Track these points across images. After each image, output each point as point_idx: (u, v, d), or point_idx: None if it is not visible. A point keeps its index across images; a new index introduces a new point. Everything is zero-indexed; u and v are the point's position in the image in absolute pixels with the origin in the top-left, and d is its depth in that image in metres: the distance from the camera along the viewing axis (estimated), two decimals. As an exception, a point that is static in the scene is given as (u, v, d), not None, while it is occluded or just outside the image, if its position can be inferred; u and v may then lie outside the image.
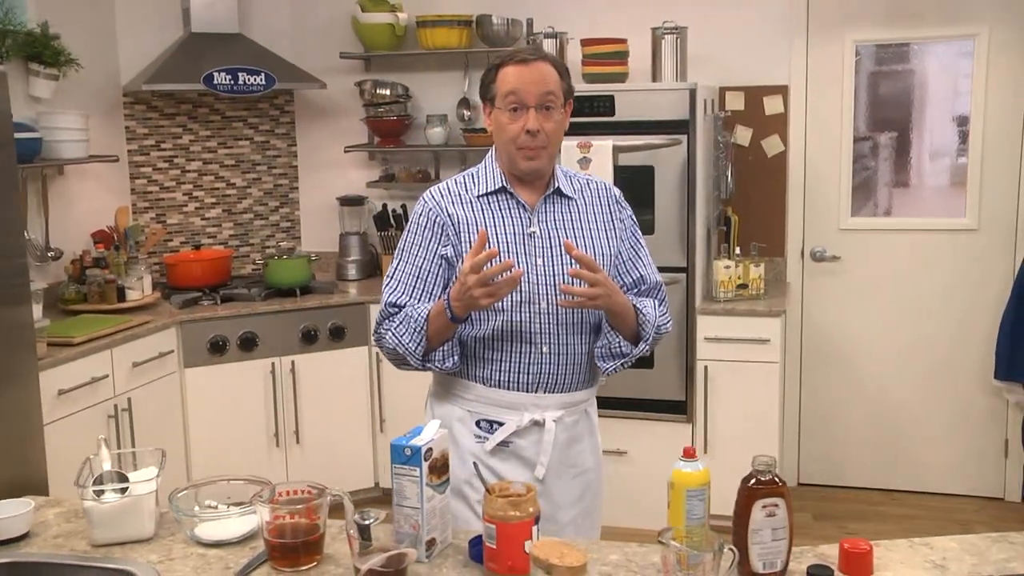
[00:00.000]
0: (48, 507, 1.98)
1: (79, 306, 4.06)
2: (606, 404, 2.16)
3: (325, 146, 5.03)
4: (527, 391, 2.16)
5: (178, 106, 4.79)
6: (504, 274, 1.95)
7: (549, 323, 2.14)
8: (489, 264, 1.94)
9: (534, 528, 1.63)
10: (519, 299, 2.12)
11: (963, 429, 4.49)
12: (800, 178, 4.51)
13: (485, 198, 2.18)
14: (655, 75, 4.19)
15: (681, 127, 3.96)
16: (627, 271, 2.27)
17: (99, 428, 3.58)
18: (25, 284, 3.19)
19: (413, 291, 2.15)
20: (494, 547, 1.62)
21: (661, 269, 3.90)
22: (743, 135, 4.51)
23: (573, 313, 2.14)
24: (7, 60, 3.90)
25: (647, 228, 3.99)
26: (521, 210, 2.17)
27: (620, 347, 2.17)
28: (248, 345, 4.20)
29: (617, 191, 2.33)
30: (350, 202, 4.92)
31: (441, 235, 2.16)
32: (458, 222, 2.15)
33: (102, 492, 1.82)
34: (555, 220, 2.19)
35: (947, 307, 4.44)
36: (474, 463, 1.99)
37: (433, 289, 2.16)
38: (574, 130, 3.94)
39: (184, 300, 4.25)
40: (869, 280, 4.51)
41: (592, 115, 4.02)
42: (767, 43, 4.44)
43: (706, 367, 4.06)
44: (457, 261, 2.13)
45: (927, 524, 4.24)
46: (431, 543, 1.73)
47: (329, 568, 1.70)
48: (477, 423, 2.19)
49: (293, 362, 4.29)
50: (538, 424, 2.16)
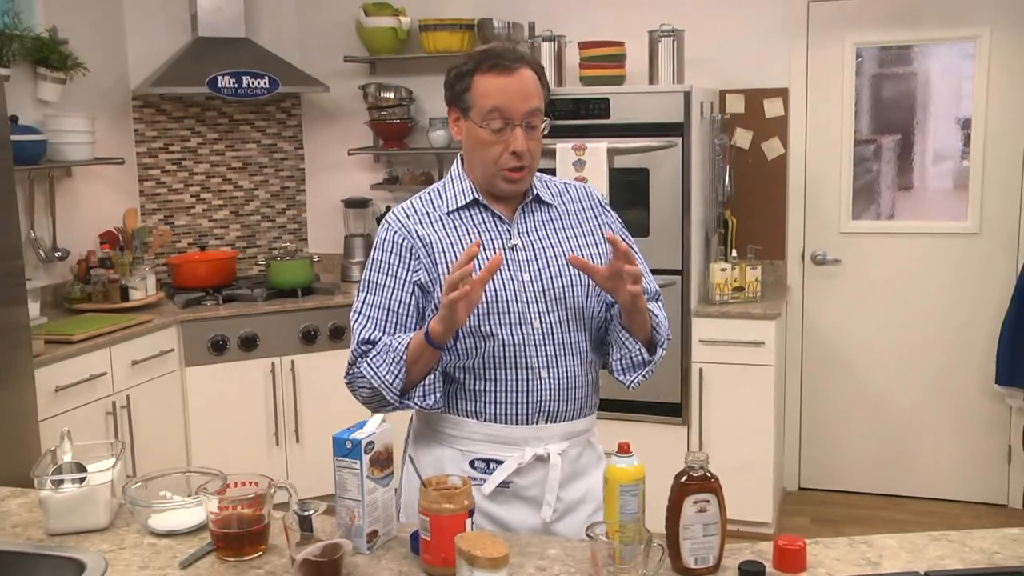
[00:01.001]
0: (12, 497, 2.04)
1: (84, 305, 4.15)
2: (601, 406, 2.10)
3: (331, 149, 5.09)
4: (527, 423, 1.94)
5: (186, 109, 4.87)
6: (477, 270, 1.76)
7: (546, 343, 1.94)
8: (476, 268, 1.77)
9: (468, 521, 1.65)
10: (509, 320, 1.91)
11: (965, 435, 4.45)
12: (800, 181, 4.50)
13: (456, 214, 1.97)
14: (652, 78, 4.20)
15: (676, 129, 3.97)
16: None
17: (97, 424, 3.66)
18: (21, 284, 3.28)
19: (386, 325, 1.94)
20: (428, 539, 1.65)
21: (656, 272, 3.94)
22: (743, 138, 4.50)
23: (570, 329, 1.95)
24: (14, 64, 4.00)
25: (642, 230, 4.01)
26: (498, 223, 1.98)
27: (641, 355, 1.98)
28: (248, 345, 4.26)
29: (599, 194, 2.13)
30: (355, 204, 4.97)
31: (410, 260, 1.94)
32: (429, 243, 1.94)
33: (61, 482, 1.87)
34: (537, 230, 1.99)
35: (949, 311, 4.41)
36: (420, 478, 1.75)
37: (408, 321, 1.94)
38: (569, 132, 4.03)
39: (187, 300, 4.33)
40: (870, 284, 4.49)
41: (587, 118, 4.04)
42: (767, 46, 4.43)
43: (701, 369, 4.07)
44: (433, 287, 1.92)
45: (927, 530, 4.19)
46: (373, 535, 1.76)
47: (272, 558, 1.73)
48: (471, 463, 1.95)
49: (293, 362, 4.34)
50: (542, 459, 1.95)
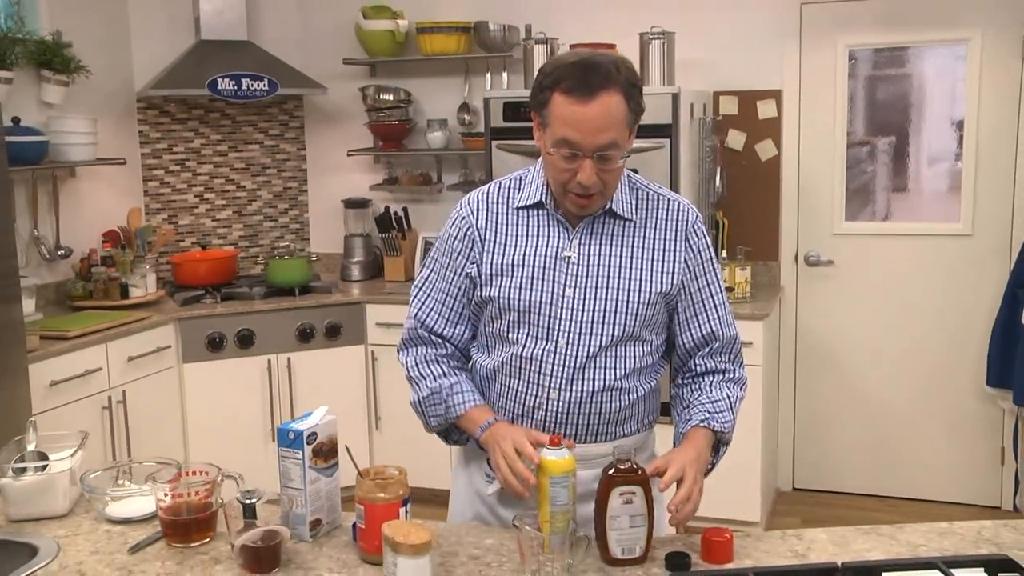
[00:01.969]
0: (-17, 485, 2.11)
1: (85, 303, 4.24)
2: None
3: (332, 150, 5.17)
4: None
5: (190, 111, 4.96)
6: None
7: (564, 365, 1.86)
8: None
9: (401, 510, 1.70)
10: (535, 333, 1.87)
11: (959, 436, 4.45)
12: (794, 182, 4.52)
13: (524, 211, 1.92)
14: (643, 79, 4.22)
15: (664, 131, 4.00)
16: (692, 324, 1.92)
17: (92, 419, 3.74)
18: (15, 283, 3.37)
19: (442, 309, 1.97)
20: (363, 527, 1.70)
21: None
22: (737, 139, 4.53)
23: (595, 362, 1.86)
24: (18, 67, 4.10)
25: (631, 231, 4.04)
26: (560, 229, 1.89)
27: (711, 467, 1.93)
28: (245, 342, 4.34)
29: (695, 216, 1.93)
30: (354, 204, 5.04)
31: (470, 252, 1.93)
32: (486, 238, 1.92)
33: (23, 470, 1.94)
34: (599, 245, 1.87)
35: (941, 313, 4.40)
36: (347, 447, 1.85)
37: (462, 309, 1.96)
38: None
39: (186, 298, 4.41)
40: (863, 285, 4.50)
41: (577, 119, 4.07)
42: (761, 48, 4.45)
43: (689, 369, 4.09)
44: (480, 279, 1.92)
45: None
46: (316, 523, 1.81)
47: (219, 544, 1.79)
48: (488, 461, 1.94)
49: (289, 359, 4.41)
50: None
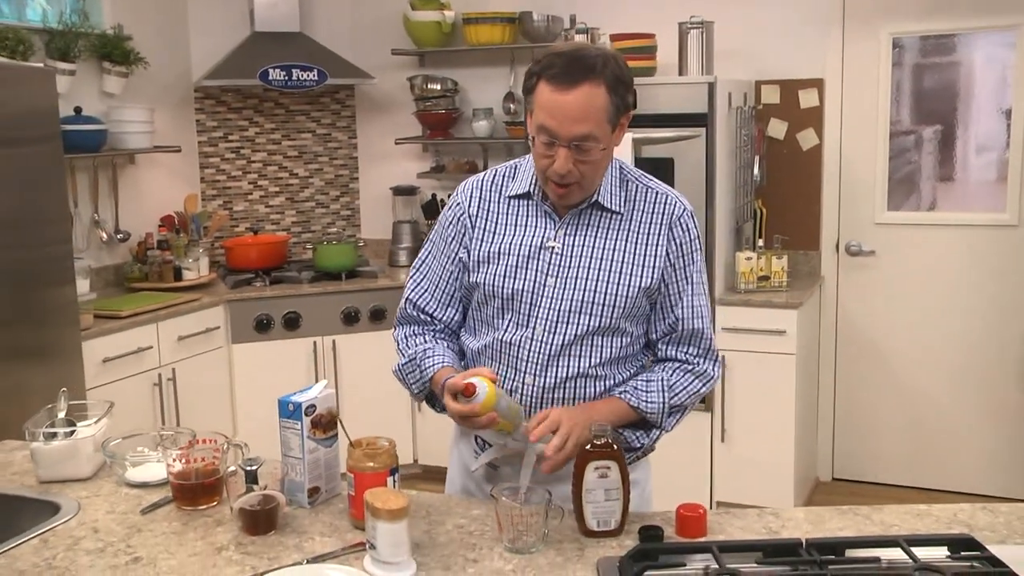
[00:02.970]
0: (19, 450, 2.27)
1: (141, 284, 4.44)
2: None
3: (382, 138, 5.29)
4: None
5: (245, 100, 5.13)
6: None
7: (539, 352, 1.91)
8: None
9: (389, 479, 1.80)
10: (515, 319, 1.93)
11: (999, 430, 4.39)
12: (835, 172, 4.50)
13: (516, 200, 1.97)
14: (681, 69, 4.26)
15: (701, 120, 4.03)
16: (661, 315, 1.95)
17: (143, 395, 3.93)
18: (70, 266, 3.56)
19: (435, 291, 2.04)
20: (353, 494, 1.80)
21: (679, 259, 4.06)
22: (778, 128, 4.52)
23: (570, 350, 1.91)
24: (81, 60, 4.30)
25: (666, 219, 4.08)
26: (547, 220, 1.93)
27: (630, 442, 1.95)
28: (292, 324, 4.49)
29: (683, 209, 1.94)
30: (403, 192, 5.16)
31: (463, 237, 1.99)
32: (477, 225, 1.98)
33: (53, 435, 2.09)
34: (583, 236, 1.91)
35: (985, 303, 4.35)
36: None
37: (454, 292, 2.03)
38: (596, 123, 4.11)
39: (236, 281, 4.58)
40: (905, 275, 4.46)
41: (614, 108, 4.12)
42: (803, 37, 4.44)
43: (724, 357, 4.11)
44: (469, 264, 1.98)
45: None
46: (314, 491, 1.92)
47: (224, 509, 1.91)
48: (475, 438, 2.03)
49: (334, 341, 4.56)
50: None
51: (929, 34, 4.36)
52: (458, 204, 2.02)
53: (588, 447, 1.76)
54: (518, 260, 1.93)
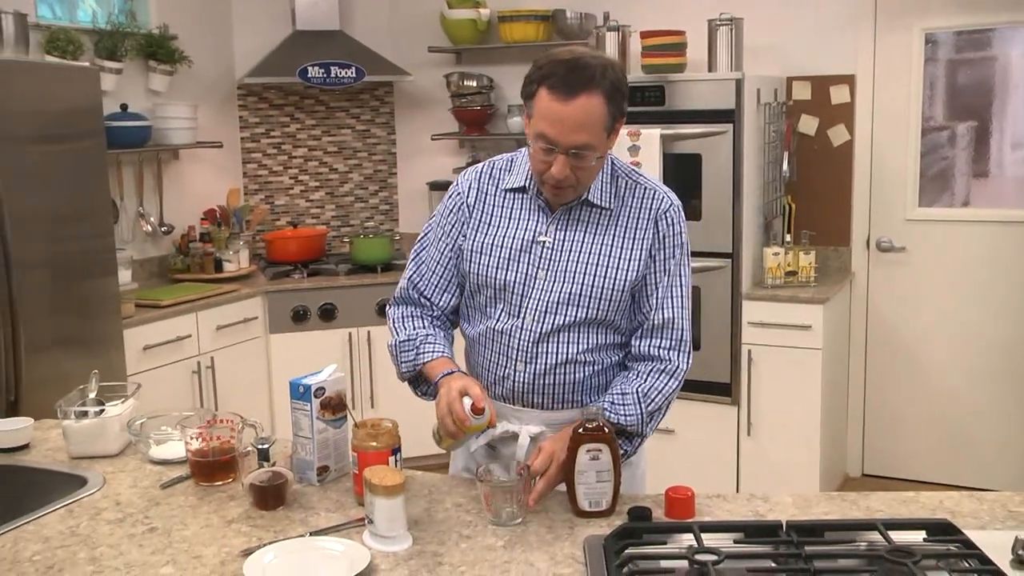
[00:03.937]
0: (55, 428, 2.40)
1: (183, 275, 4.59)
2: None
3: (420, 134, 5.39)
4: (504, 402, 2.05)
5: (286, 97, 5.27)
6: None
7: (528, 340, 1.99)
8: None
9: (391, 459, 1.88)
10: (505, 309, 2.01)
11: (1033, 427, 4.37)
12: (866, 168, 4.50)
13: (511, 193, 2.05)
14: (711, 65, 4.30)
15: (728, 116, 4.06)
16: (640, 305, 2.01)
17: (183, 382, 4.08)
18: (112, 258, 3.71)
19: (432, 276, 2.11)
20: (356, 472, 1.89)
21: (707, 255, 4.12)
22: (809, 124, 4.53)
23: (557, 337, 1.98)
24: (127, 59, 4.46)
25: (694, 214, 4.13)
26: (540, 214, 2.01)
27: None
28: (328, 315, 4.61)
29: (669, 204, 2.01)
30: (439, 187, 5.25)
31: (462, 226, 2.07)
32: (474, 216, 2.05)
33: (84, 414, 2.21)
34: (573, 231, 1.98)
35: (1018, 301, 4.32)
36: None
37: (451, 278, 2.10)
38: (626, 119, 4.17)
39: (275, 272, 4.72)
40: (936, 271, 4.45)
41: (643, 105, 4.18)
42: (835, 33, 4.45)
43: (750, 351, 4.15)
44: (463, 253, 2.05)
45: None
46: (323, 470, 2.01)
47: (239, 485, 2.01)
48: None
49: (369, 332, 4.67)
50: (517, 435, 2.04)
51: (964, 29, 4.34)
52: (458, 193, 2.09)
53: (580, 430, 1.83)
54: (510, 253, 2.00)
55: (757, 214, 4.27)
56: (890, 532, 1.64)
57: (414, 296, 2.15)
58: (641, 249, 1.98)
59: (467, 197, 2.08)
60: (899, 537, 1.64)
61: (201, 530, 1.80)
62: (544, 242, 1.99)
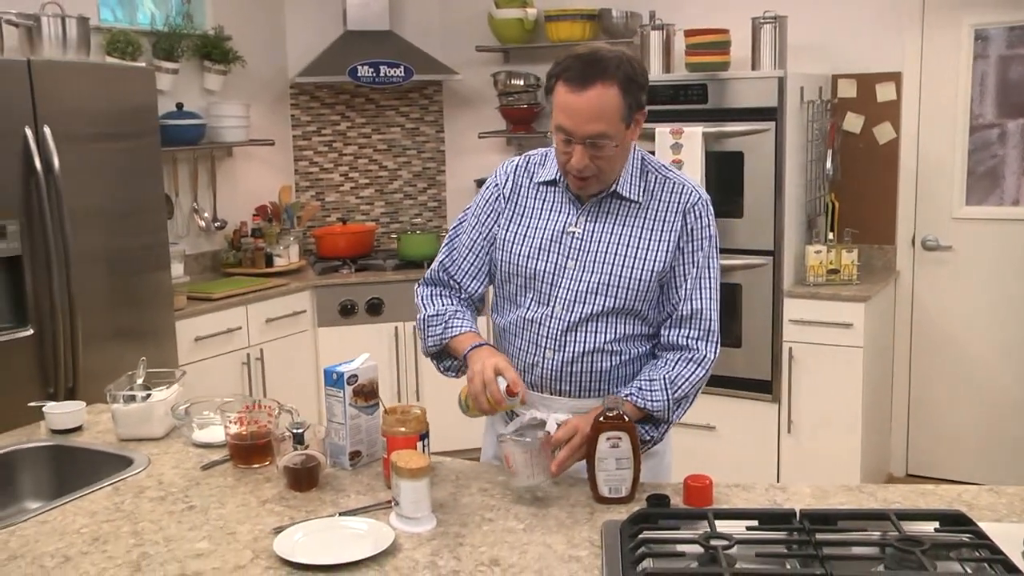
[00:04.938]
0: (106, 411, 2.51)
1: (235, 269, 4.73)
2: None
3: (468, 132, 5.47)
4: (532, 389, 2.08)
5: (337, 96, 5.38)
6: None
7: (557, 328, 2.04)
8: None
9: (419, 444, 1.95)
10: (535, 298, 2.07)
11: (1083, 429, 4.31)
12: (912, 166, 4.47)
13: (544, 186, 2.11)
14: (754, 63, 4.31)
15: (771, 114, 4.07)
16: (668, 296, 2.06)
17: (233, 372, 4.20)
18: (166, 252, 3.84)
19: (464, 262, 2.17)
20: (386, 457, 1.96)
21: (748, 252, 4.14)
22: (854, 122, 4.52)
23: (585, 326, 2.03)
24: (184, 59, 4.60)
25: (736, 212, 4.14)
26: (570, 206, 2.07)
27: (640, 436, 1.97)
28: (375, 310, 4.71)
29: (697, 198, 2.05)
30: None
31: (498, 216, 2.14)
32: (509, 206, 2.12)
33: (132, 398, 2.32)
34: (602, 223, 2.04)
35: (1067, 301, 4.27)
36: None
37: (482, 266, 2.16)
38: (669, 117, 4.22)
39: (324, 267, 4.83)
40: (983, 270, 4.41)
41: (686, 103, 4.21)
42: (881, 30, 4.43)
43: (791, 349, 4.16)
44: (496, 242, 2.12)
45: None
46: (356, 455, 2.09)
47: (274, 468, 2.10)
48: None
49: (415, 327, 4.74)
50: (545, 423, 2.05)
51: (1016, 25, 4.29)
52: (496, 184, 2.17)
53: (601, 418, 1.88)
54: (541, 243, 2.07)
55: (800, 212, 4.27)
56: (902, 522, 1.67)
57: (444, 279, 2.22)
58: (669, 241, 2.03)
59: (503, 188, 2.16)
60: (911, 527, 1.66)
61: (237, 509, 1.89)
62: (574, 232, 2.05)
